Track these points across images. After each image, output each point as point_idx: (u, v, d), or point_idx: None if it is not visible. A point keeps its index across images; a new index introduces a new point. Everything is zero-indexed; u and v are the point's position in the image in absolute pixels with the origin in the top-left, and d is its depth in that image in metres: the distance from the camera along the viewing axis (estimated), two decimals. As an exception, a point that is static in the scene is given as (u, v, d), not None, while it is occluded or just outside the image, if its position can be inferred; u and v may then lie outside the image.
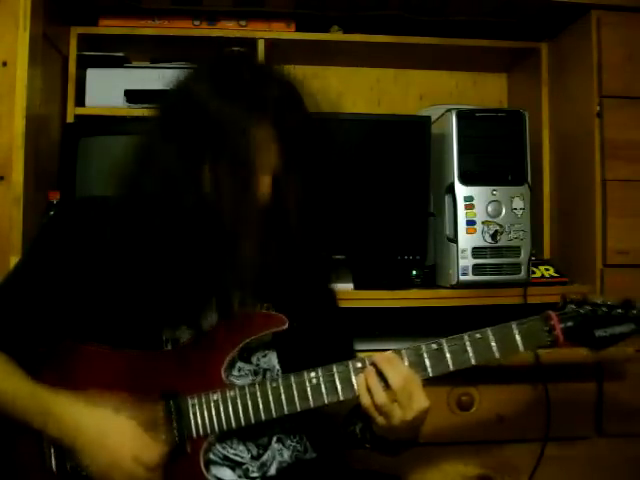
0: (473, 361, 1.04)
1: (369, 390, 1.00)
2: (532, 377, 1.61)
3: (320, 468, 1.14)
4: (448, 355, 1.03)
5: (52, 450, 1.03)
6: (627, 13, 1.78)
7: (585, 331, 1.06)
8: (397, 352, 1.04)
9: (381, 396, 0.99)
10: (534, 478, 1.63)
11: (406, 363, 1.02)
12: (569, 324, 1.06)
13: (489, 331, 1.05)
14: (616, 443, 1.70)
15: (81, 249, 1.07)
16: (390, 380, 0.99)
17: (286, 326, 1.08)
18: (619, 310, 1.07)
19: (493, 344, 1.04)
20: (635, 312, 1.06)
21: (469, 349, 1.03)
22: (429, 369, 1.03)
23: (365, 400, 1.00)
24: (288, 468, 1.10)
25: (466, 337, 1.04)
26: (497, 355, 1.04)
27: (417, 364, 1.03)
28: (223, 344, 1.07)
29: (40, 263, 1.09)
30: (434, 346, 1.04)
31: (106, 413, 1.00)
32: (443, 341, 1.04)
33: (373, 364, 1.02)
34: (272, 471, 1.09)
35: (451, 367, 1.03)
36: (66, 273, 1.07)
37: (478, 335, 1.04)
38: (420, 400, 0.99)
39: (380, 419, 1.00)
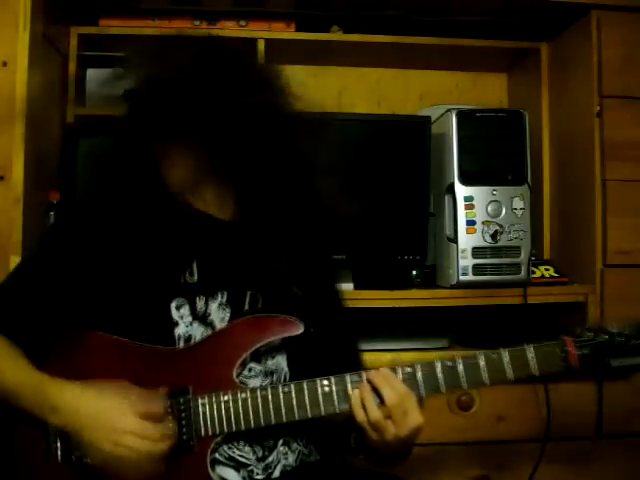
0: (488, 382, 1.03)
1: (363, 406, 1.00)
2: (532, 377, 1.61)
3: (323, 471, 1.14)
4: (462, 373, 1.03)
5: (57, 440, 1.02)
6: (627, 13, 1.79)
7: (601, 360, 1.04)
8: (411, 366, 1.03)
9: (375, 413, 0.98)
10: (534, 478, 1.62)
11: (419, 377, 1.02)
12: (585, 352, 1.04)
13: (504, 352, 1.04)
14: (616, 443, 1.69)
15: (87, 239, 1.10)
16: (385, 397, 0.98)
17: (301, 331, 1.07)
18: (636, 340, 1.04)
19: (507, 367, 1.03)
20: None
21: (484, 369, 1.03)
22: (442, 386, 1.02)
23: (360, 416, 1.00)
24: (292, 471, 1.10)
25: (481, 357, 1.03)
26: (510, 377, 1.04)
27: (429, 379, 1.02)
28: (236, 345, 1.06)
29: (49, 254, 1.10)
30: (448, 363, 1.03)
31: (105, 394, 0.99)
32: (458, 359, 1.03)
33: (368, 380, 1.01)
34: (276, 473, 1.08)
35: (465, 386, 1.03)
36: (75, 263, 1.08)
37: (494, 356, 1.04)
38: (415, 418, 0.99)
39: (373, 434, 0.99)
